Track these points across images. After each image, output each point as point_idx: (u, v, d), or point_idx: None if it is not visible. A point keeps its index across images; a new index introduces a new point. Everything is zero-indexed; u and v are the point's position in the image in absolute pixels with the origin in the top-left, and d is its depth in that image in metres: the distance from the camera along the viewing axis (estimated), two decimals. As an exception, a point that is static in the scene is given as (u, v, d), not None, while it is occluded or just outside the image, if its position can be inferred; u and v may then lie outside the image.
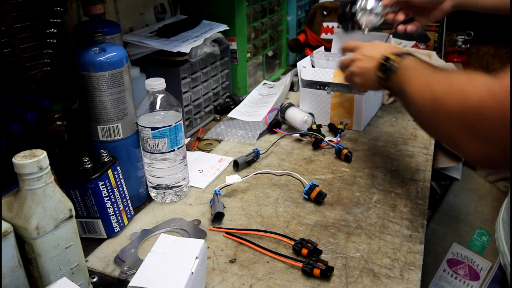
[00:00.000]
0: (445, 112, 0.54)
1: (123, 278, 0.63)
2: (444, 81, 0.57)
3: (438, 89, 0.57)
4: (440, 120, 0.56)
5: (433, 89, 0.58)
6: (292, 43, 1.54)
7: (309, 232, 0.72)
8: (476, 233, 1.52)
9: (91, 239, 0.71)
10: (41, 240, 0.51)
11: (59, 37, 0.79)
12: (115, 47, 0.71)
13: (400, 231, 0.71)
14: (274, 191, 0.84)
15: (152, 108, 0.76)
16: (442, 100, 0.55)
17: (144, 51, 0.99)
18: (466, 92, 0.51)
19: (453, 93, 0.53)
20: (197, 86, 1.10)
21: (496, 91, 0.48)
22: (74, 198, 0.68)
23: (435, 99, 0.56)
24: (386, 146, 1.01)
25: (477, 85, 0.50)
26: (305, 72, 1.10)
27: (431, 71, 0.62)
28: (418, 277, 0.62)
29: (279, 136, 1.06)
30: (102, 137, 0.73)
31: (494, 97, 0.48)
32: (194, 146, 1.05)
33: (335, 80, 1.07)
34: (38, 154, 0.49)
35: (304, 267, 0.62)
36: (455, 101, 0.53)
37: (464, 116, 0.51)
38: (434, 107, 0.57)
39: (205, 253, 0.58)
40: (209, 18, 1.18)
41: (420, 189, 0.84)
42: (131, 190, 0.77)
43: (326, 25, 1.48)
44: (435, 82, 0.58)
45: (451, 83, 0.55)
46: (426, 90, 0.59)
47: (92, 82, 0.69)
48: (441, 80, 0.58)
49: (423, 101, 0.60)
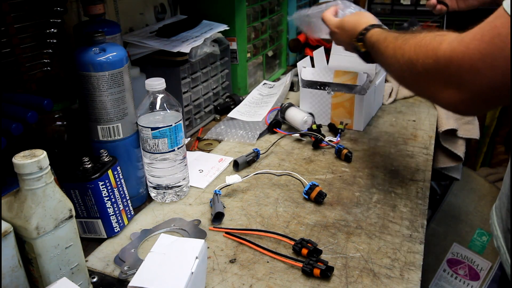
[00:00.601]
0: (422, 70, 0.59)
1: (123, 278, 0.63)
2: (413, 43, 0.61)
3: (411, 51, 0.61)
4: (419, 77, 0.60)
5: (406, 53, 0.62)
6: (292, 43, 1.54)
7: (309, 232, 0.72)
8: (476, 233, 1.52)
9: (91, 239, 0.71)
10: (41, 240, 0.51)
11: (59, 37, 0.79)
12: (115, 47, 0.71)
13: (400, 231, 0.71)
14: (274, 191, 0.84)
15: (152, 108, 0.76)
16: (416, 61, 0.59)
17: (144, 51, 0.99)
18: (438, 47, 0.56)
19: (426, 51, 0.58)
20: (197, 86, 1.10)
21: (466, 40, 0.52)
22: (74, 198, 0.68)
23: (411, 62, 0.61)
24: (386, 146, 1.01)
25: (448, 39, 0.55)
26: (305, 72, 1.10)
27: (396, 37, 0.67)
28: (418, 277, 0.62)
29: (279, 136, 1.06)
30: (102, 137, 0.73)
31: (463, 46, 0.52)
32: (194, 146, 1.05)
33: (335, 80, 1.07)
34: (38, 154, 0.49)
35: (304, 267, 0.62)
36: (429, 57, 0.57)
37: (438, 68, 0.56)
38: (411, 68, 0.61)
39: (205, 253, 0.58)
40: (209, 18, 1.18)
41: (420, 189, 0.84)
42: (131, 190, 0.77)
43: (326, 25, 1.48)
44: (405, 46, 0.63)
45: (421, 43, 0.59)
46: (400, 56, 0.64)
47: (92, 82, 0.69)
48: (410, 44, 0.62)
49: (399, 66, 0.65)
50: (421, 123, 1.14)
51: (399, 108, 1.24)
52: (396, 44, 0.66)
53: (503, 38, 0.48)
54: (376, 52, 0.73)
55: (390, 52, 0.67)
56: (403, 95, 1.30)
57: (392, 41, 0.68)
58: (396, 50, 0.65)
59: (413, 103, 1.27)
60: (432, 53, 0.56)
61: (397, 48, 0.65)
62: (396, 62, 0.65)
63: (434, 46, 0.57)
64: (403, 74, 0.65)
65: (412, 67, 0.61)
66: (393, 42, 0.67)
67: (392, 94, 1.27)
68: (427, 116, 1.18)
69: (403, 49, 0.63)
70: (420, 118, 1.17)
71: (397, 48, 0.65)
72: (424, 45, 0.59)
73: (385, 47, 0.69)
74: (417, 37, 0.61)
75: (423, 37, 0.60)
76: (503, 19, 0.49)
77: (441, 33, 0.58)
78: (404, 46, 0.63)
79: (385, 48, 0.69)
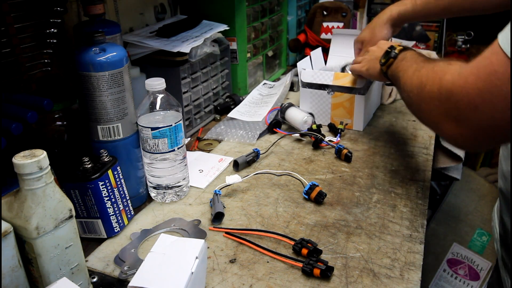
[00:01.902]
0: (427, 96, 0.59)
1: (123, 278, 0.63)
2: (429, 67, 0.62)
3: (424, 75, 0.61)
4: (423, 103, 0.60)
5: (420, 75, 0.63)
6: (292, 43, 1.54)
7: (309, 232, 0.72)
8: (476, 233, 1.52)
9: (91, 239, 0.71)
10: (41, 240, 0.51)
11: (59, 37, 0.79)
12: (115, 47, 0.71)
13: (400, 231, 0.71)
14: (274, 191, 0.84)
15: (152, 108, 0.76)
16: (424, 85, 0.60)
17: (144, 51, 0.99)
18: (443, 77, 0.55)
19: (434, 78, 0.58)
20: (197, 86, 1.10)
21: (465, 74, 0.51)
22: (74, 198, 0.68)
23: (420, 85, 0.61)
24: (386, 146, 1.01)
25: (452, 70, 0.54)
26: (305, 74, 1.10)
27: (423, 61, 0.67)
28: (418, 277, 0.62)
29: (279, 136, 1.06)
30: (102, 137, 0.73)
31: (462, 80, 0.51)
32: (194, 146, 1.05)
33: (335, 82, 1.07)
34: (38, 154, 0.49)
35: (304, 267, 0.62)
36: (435, 85, 0.57)
37: (441, 99, 0.55)
38: (419, 92, 0.61)
39: (205, 253, 0.58)
40: (209, 18, 1.18)
41: (420, 189, 0.84)
42: (131, 190, 0.77)
43: (326, 25, 1.48)
44: (422, 69, 0.63)
45: (434, 69, 0.59)
46: (415, 76, 0.64)
47: (92, 82, 0.69)
48: (427, 67, 0.62)
49: (411, 86, 0.65)
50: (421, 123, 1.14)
51: (399, 108, 1.24)
52: (417, 65, 0.66)
53: (499, 76, 0.47)
54: (399, 68, 0.74)
55: (410, 72, 0.67)
56: (403, 95, 1.30)
57: (416, 61, 0.69)
58: (414, 71, 0.66)
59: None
60: (438, 81, 0.56)
61: (415, 70, 0.66)
62: (410, 82, 0.66)
63: (440, 76, 0.56)
64: (410, 95, 0.65)
65: (419, 91, 0.61)
66: (416, 62, 0.68)
67: (392, 94, 1.27)
68: (427, 116, 1.18)
69: (419, 71, 0.64)
70: (420, 118, 1.16)
71: (415, 70, 0.66)
72: (435, 72, 0.58)
73: (408, 66, 0.70)
74: (434, 63, 0.61)
75: (437, 63, 0.60)
76: (499, 56, 0.47)
77: (452, 62, 0.57)
78: (422, 68, 0.64)
79: (408, 66, 0.70)
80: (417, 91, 0.62)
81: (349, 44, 1.26)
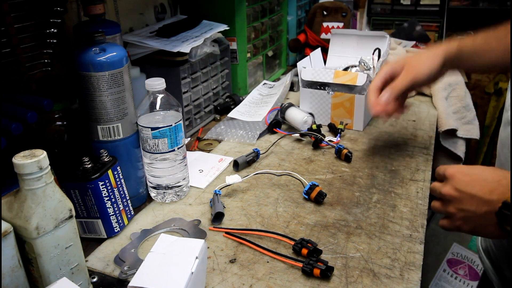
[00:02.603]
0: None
1: (123, 278, 0.63)
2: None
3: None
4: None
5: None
6: (292, 43, 1.54)
7: (309, 232, 0.72)
8: (476, 233, 1.52)
9: (91, 239, 0.71)
10: (41, 240, 0.51)
11: (59, 37, 0.79)
12: (115, 47, 0.71)
13: (400, 231, 0.71)
14: (274, 191, 0.84)
15: (152, 108, 0.76)
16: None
17: (144, 51, 0.99)
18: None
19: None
20: (197, 86, 1.10)
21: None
22: (74, 198, 0.68)
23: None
24: (386, 146, 1.01)
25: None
26: (305, 72, 1.10)
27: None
28: (418, 277, 0.62)
29: (279, 136, 1.06)
30: (102, 137, 0.73)
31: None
32: (194, 146, 1.05)
33: (335, 80, 1.07)
34: (38, 154, 0.49)
35: (304, 267, 0.62)
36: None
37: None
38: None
39: (205, 253, 0.58)
40: (209, 18, 1.18)
41: (420, 189, 0.84)
42: (131, 190, 0.77)
43: (326, 25, 1.48)
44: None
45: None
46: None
47: (92, 82, 0.69)
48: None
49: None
50: (421, 123, 1.14)
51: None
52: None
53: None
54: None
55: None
56: (403, 95, 1.30)
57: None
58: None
59: (413, 103, 1.27)
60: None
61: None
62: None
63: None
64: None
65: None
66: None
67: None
68: (427, 116, 1.18)
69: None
70: (420, 118, 1.17)
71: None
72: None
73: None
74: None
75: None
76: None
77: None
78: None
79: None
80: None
81: (349, 44, 1.27)
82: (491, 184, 0.58)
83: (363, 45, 1.24)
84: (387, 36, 1.20)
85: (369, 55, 1.15)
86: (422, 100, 1.28)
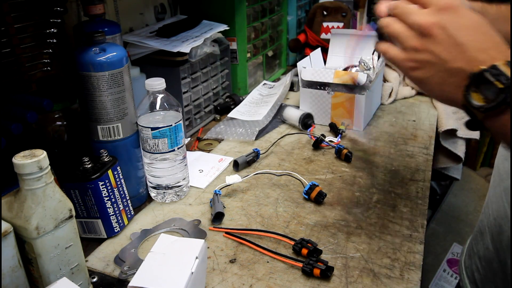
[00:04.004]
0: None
1: (123, 278, 0.63)
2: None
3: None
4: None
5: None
6: (292, 43, 1.54)
7: (309, 232, 0.72)
8: (476, 233, 1.52)
9: (91, 239, 0.71)
10: (41, 240, 0.51)
11: (59, 37, 0.79)
12: (115, 47, 0.71)
13: (400, 231, 0.71)
14: (274, 191, 0.84)
15: (152, 108, 0.76)
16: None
17: (144, 51, 0.99)
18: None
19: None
20: (197, 86, 1.10)
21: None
22: (74, 198, 0.68)
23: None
24: (386, 146, 1.01)
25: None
26: (305, 72, 1.10)
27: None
28: (418, 277, 0.62)
29: (279, 136, 1.06)
30: (102, 137, 0.73)
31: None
32: (194, 146, 1.05)
33: (335, 80, 1.07)
34: (38, 154, 0.49)
35: (304, 267, 0.62)
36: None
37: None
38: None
39: (205, 253, 0.58)
40: (209, 18, 1.18)
41: (420, 189, 0.83)
42: (131, 190, 0.77)
43: (326, 25, 1.48)
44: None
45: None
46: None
47: (92, 82, 0.69)
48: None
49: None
50: (421, 123, 1.14)
51: (399, 108, 1.24)
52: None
53: None
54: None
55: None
56: (403, 95, 1.30)
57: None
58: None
59: (413, 103, 1.27)
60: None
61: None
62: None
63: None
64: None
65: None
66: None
67: (392, 94, 1.27)
68: (427, 116, 1.18)
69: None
70: (420, 118, 1.17)
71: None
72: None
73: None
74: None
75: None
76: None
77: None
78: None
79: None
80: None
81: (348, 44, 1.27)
82: (487, 42, 0.46)
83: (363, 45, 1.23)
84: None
85: (369, 55, 1.15)
86: (422, 100, 1.28)
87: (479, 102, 0.44)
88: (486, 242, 0.68)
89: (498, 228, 0.64)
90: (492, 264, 0.66)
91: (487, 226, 0.68)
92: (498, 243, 0.64)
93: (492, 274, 0.67)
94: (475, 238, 0.74)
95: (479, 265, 0.70)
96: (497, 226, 0.65)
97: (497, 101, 0.42)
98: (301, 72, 1.11)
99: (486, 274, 0.68)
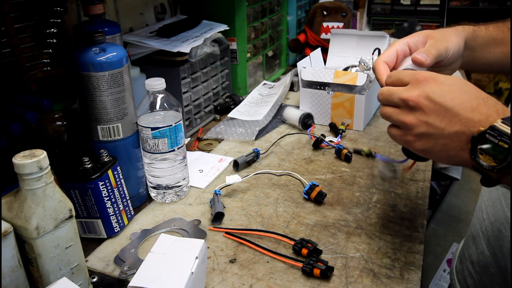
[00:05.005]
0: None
1: (123, 278, 0.63)
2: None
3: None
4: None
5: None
6: (292, 43, 1.54)
7: (309, 232, 0.72)
8: (476, 233, 1.52)
9: (91, 239, 0.71)
10: (41, 240, 0.51)
11: (59, 37, 0.80)
12: (115, 47, 0.71)
13: (400, 231, 0.71)
14: (274, 191, 0.84)
15: (152, 108, 0.76)
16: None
17: (144, 51, 1.00)
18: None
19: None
20: (197, 86, 1.10)
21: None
22: (74, 198, 0.68)
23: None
24: (386, 146, 1.01)
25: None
26: (305, 72, 1.10)
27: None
28: (418, 277, 0.62)
29: (279, 136, 1.06)
30: (102, 137, 0.73)
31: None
32: (194, 146, 1.05)
33: (335, 80, 1.07)
34: (38, 154, 0.49)
35: (304, 267, 0.62)
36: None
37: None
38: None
39: (205, 253, 0.58)
40: (209, 18, 1.18)
41: (420, 189, 0.84)
42: (131, 190, 0.77)
43: (326, 25, 1.48)
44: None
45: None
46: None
47: (92, 82, 0.69)
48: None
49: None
50: (421, 123, 1.14)
51: (399, 108, 1.23)
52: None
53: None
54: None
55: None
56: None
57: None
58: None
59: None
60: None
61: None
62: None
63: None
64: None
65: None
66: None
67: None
68: (427, 116, 1.18)
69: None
70: (420, 118, 1.16)
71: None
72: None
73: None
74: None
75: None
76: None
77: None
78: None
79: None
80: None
81: (349, 44, 1.27)
82: (475, 101, 0.47)
83: (363, 45, 1.24)
84: (387, 36, 1.20)
85: (369, 55, 1.15)
86: (422, 100, 1.28)
87: (490, 163, 0.46)
88: (481, 247, 0.67)
89: (496, 232, 0.64)
90: (489, 269, 0.65)
91: (481, 230, 0.68)
92: (496, 248, 0.64)
93: (489, 280, 0.66)
94: (466, 243, 0.73)
95: (472, 270, 0.69)
96: (494, 231, 0.64)
97: (508, 160, 0.44)
98: (301, 72, 1.11)
99: (481, 279, 0.67)
